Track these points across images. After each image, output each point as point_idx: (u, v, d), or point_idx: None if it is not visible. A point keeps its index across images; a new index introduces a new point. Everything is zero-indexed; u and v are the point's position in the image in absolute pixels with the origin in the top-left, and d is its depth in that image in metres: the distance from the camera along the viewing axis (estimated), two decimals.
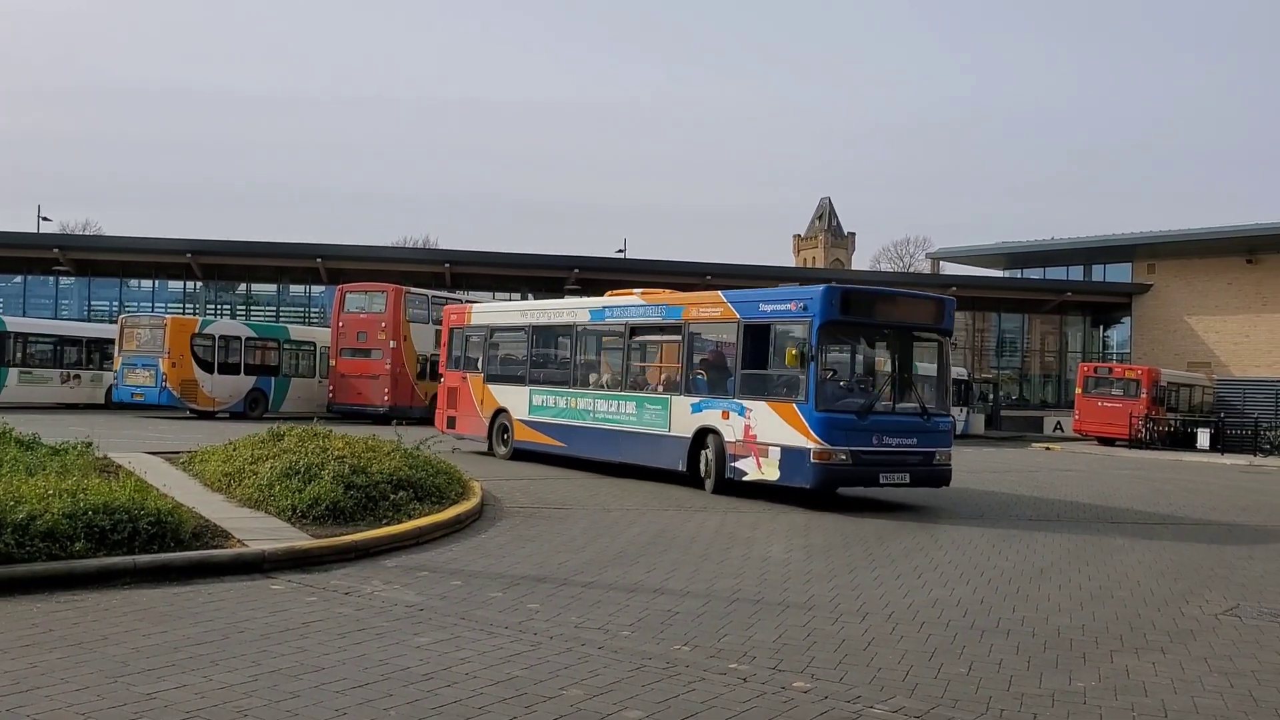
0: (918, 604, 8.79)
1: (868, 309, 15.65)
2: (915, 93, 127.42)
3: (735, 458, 15.69)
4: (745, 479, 15.60)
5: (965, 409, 43.31)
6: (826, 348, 15.01)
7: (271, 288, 48.94)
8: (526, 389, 20.57)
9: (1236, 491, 21.58)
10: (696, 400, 16.63)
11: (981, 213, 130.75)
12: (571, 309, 20.80)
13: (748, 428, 15.47)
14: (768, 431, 15.14)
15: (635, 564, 10.12)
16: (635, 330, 18.54)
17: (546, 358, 21.26)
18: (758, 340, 15.88)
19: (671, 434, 17.03)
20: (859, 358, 16.91)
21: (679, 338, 17.42)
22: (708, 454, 16.31)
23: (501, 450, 20.91)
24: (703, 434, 16.40)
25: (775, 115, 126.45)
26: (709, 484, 16.26)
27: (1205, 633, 8.21)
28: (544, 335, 21.19)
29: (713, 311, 16.97)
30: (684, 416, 16.76)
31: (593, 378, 19.52)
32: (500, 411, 21.10)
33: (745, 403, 15.55)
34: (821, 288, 14.59)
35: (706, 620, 7.86)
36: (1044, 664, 7.09)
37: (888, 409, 15.20)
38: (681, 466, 16.78)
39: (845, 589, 9.32)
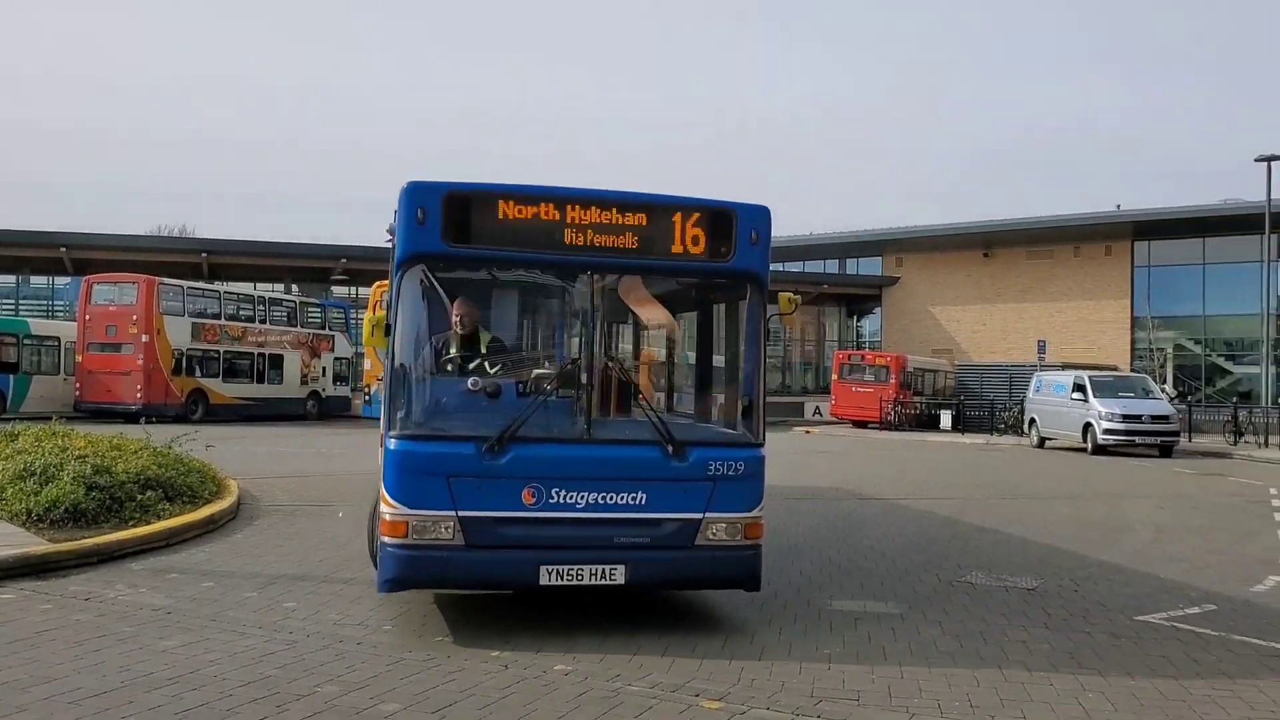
0: None
1: (526, 233, 7.18)
2: (682, 89, 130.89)
3: None
4: None
5: None
6: (426, 305, 7.49)
7: (11, 279, 45.43)
8: None
9: (973, 468, 23.21)
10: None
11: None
12: None
13: None
14: None
15: None
16: None
17: None
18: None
19: None
20: (514, 325, 9.24)
21: None
22: None
23: None
24: None
25: (540, 104, 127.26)
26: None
27: (941, 599, 8.81)
28: None
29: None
30: None
31: None
32: None
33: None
34: (406, 185, 7.03)
35: (468, 611, 7.83)
36: (794, 634, 7.45)
37: (573, 431, 7.27)
38: None
39: None
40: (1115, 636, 7.62)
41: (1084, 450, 28.48)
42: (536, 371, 7.95)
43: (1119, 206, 49.55)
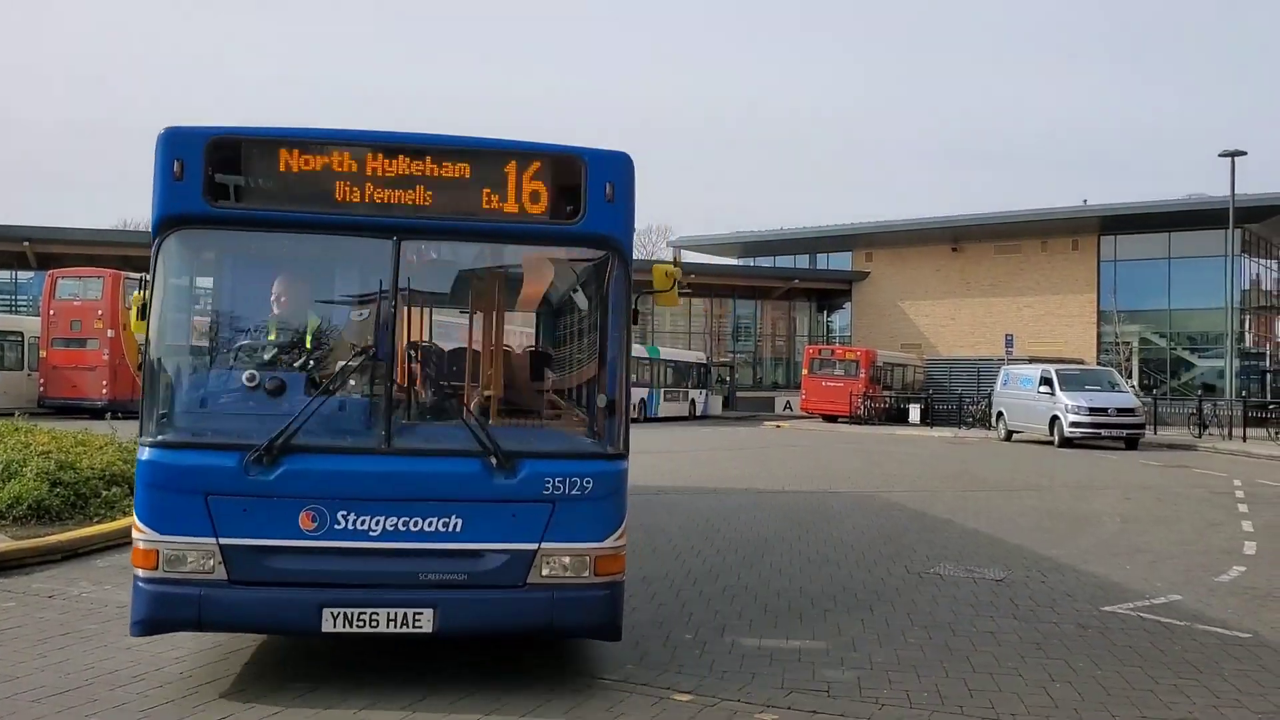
0: (650, 575, 9.04)
1: (313, 188, 5.83)
2: (649, 81, 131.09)
3: None
4: None
5: (705, 391, 45.09)
6: (188, 281, 6.29)
7: None
8: None
9: (941, 461, 23.34)
10: None
11: (719, 203, 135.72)
12: None
13: None
14: None
15: None
16: None
17: None
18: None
19: None
20: (301, 305, 6.73)
21: None
22: None
23: None
24: None
25: (512, 100, 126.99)
26: None
27: (910, 591, 8.85)
28: None
29: None
30: None
31: None
32: None
33: None
34: (162, 132, 5.71)
35: None
36: (764, 626, 7.46)
37: (369, 439, 5.84)
38: None
39: None
40: (1082, 627, 7.69)
41: (1051, 443, 28.72)
42: (323, 363, 6.22)
43: (1085, 201, 49.98)
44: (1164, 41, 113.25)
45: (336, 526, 5.49)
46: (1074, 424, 28.01)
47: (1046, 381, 29.52)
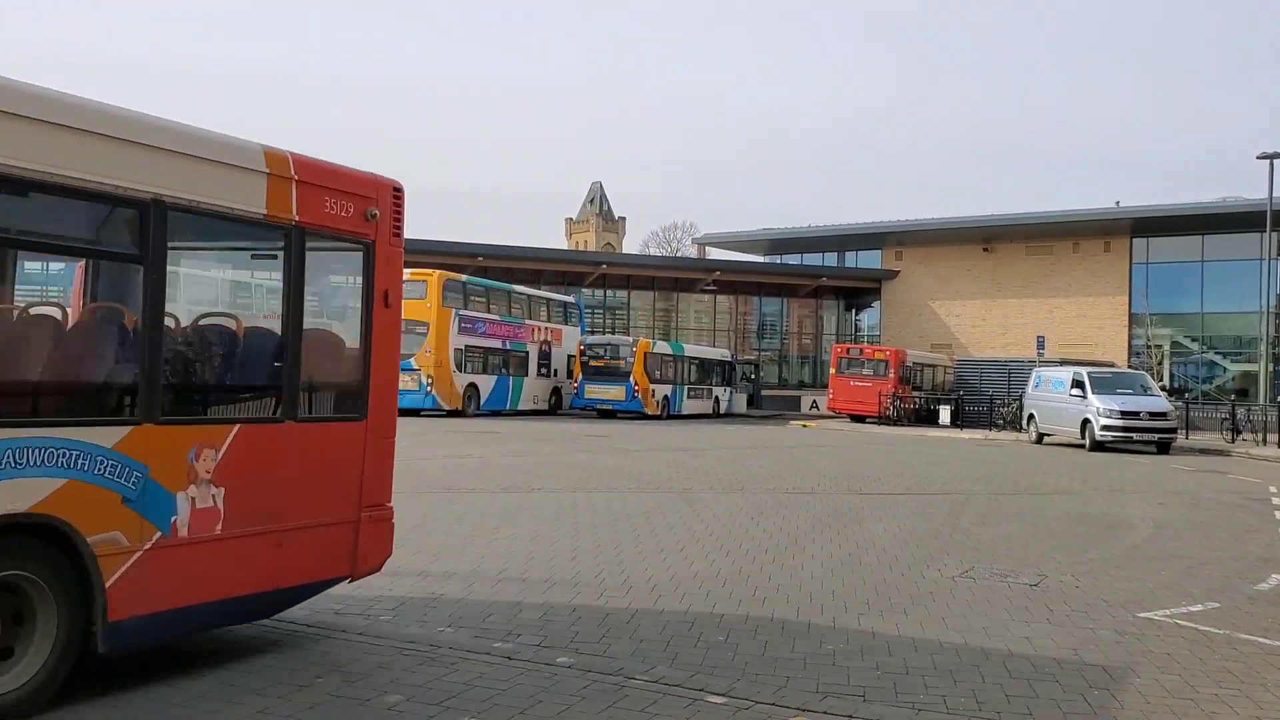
0: (680, 576, 9.00)
1: None
2: (684, 86, 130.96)
3: None
4: None
5: (729, 389, 44.97)
6: None
7: None
8: None
9: (972, 463, 23.17)
10: None
11: (745, 202, 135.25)
12: None
13: None
14: None
15: (400, 547, 9.85)
16: None
17: None
18: None
19: None
20: None
21: None
22: None
23: None
24: None
25: (546, 99, 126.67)
26: None
27: (943, 594, 8.77)
28: None
29: None
30: None
31: None
32: None
33: None
34: None
35: (472, 602, 7.80)
36: (797, 629, 7.40)
37: None
38: None
39: (610, 565, 9.43)
40: (1119, 634, 7.59)
41: (1082, 446, 28.45)
42: None
43: (1118, 203, 49.59)
44: (1199, 42, 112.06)
45: None
46: (1106, 427, 27.73)
47: (1078, 384, 29.24)
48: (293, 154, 6.27)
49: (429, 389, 32.37)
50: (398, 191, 6.90)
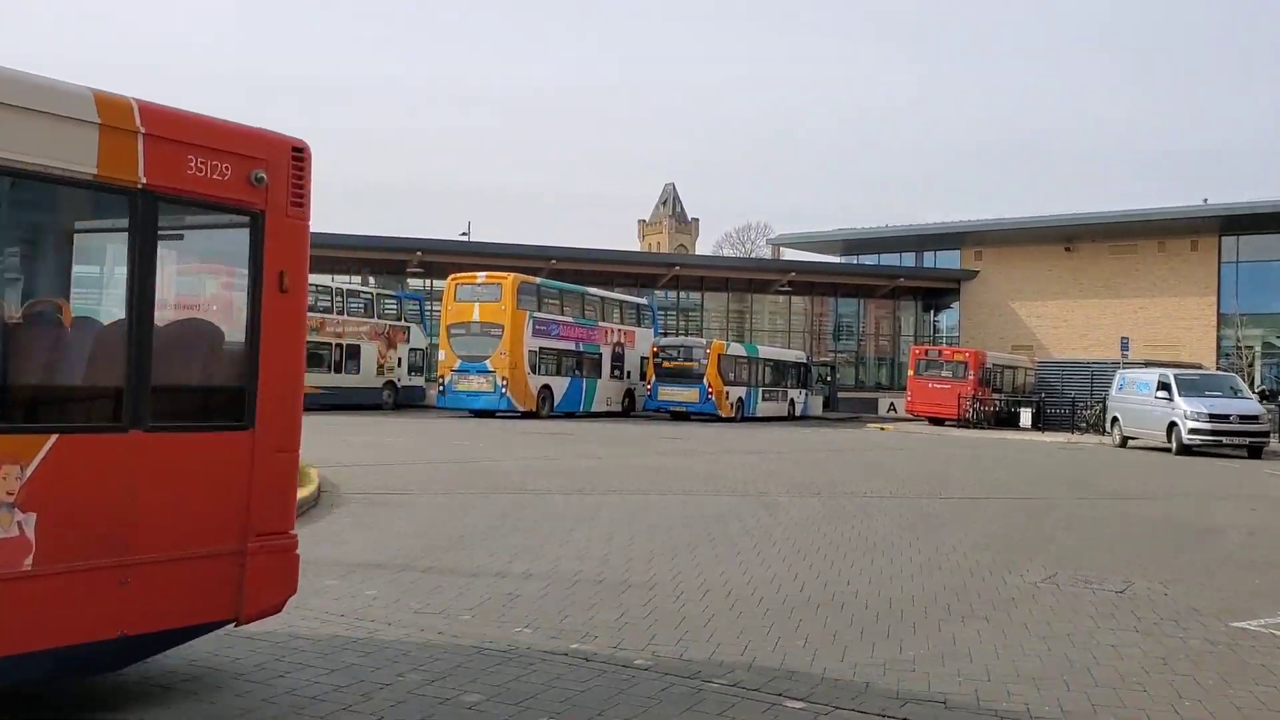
0: (756, 580, 8.95)
1: None
2: (756, 89, 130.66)
3: None
4: None
5: (805, 391, 44.62)
6: None
7: None
8: None
9: (1055, 467, 22.73)
10: None
11: (820, 203, 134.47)
12: None
13: None
14: None
15: (478, 548, 10.01)
16: None
17: None
18: None
19: None
20: None
21: None
22: None
23: None
24: None
25: (616, 103, 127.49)
26: None
27: (1025, 600, 8.60)
28: None
29: None
30: None
31: None
32: None
33: None
34: None
35: (549, 602, 7.84)
36: (876, 634, 7.31)
37: None
38: None
39: (686, 567, 9.41)
40: (1210, 643, 7.38)
41: (1168, 450, 27.72)
42: None
43: (1206, 200, 48.27)
44: None
45: None
46: (1193, 431, 26.99)
47: (1164, 386, 28.51)
48: (140, 101, 4.98)
49: (504, 391, 32.68)
50: (298, 152, 5.58)
